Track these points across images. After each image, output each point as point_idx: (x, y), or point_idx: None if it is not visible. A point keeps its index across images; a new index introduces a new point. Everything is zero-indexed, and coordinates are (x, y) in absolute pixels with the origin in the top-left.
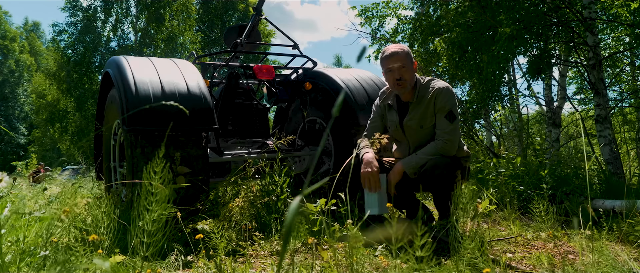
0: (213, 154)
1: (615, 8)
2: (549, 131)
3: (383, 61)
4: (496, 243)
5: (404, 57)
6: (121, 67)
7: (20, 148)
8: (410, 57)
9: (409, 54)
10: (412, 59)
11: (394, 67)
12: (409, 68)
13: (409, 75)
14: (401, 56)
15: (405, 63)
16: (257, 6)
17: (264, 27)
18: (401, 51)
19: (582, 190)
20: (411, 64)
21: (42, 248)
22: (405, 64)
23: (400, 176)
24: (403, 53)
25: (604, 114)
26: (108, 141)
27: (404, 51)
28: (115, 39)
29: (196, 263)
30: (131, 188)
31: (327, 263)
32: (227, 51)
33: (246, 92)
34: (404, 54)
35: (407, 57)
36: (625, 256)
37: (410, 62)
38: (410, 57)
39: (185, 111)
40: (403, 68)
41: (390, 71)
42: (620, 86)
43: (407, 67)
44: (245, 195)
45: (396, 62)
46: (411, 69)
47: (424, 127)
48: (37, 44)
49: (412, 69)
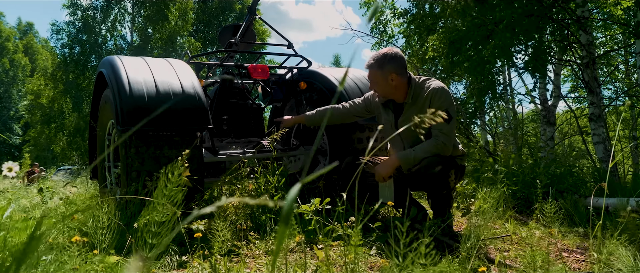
0: (208, 154)
1: (608, 7)
2: (544, 129)
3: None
4: (491, 241)
5: (372, 74)
6: (115, 67)
7: (14, 149)
8: (380, 72)
9: (379, 70)
10: (382, 71)
11: (368, 77)
12: (379, 84)
13: (380, 89)
14: (370, 72)
15: (374, 78)
16: (251, 6)
17: (260, 26)
18: (369, 66)
19: (577, 188)
20: (382, 76)
21: (40, 249)
22: (374, 79)
23: (394, 169)
24: (372, 69)
25: (597, 113)
26: (102, 141)
27: (374, 66)
28: (112, 39)
29: (191, 263)
30: (126, 189)
31: (321, 263)
32: (221, 51)
33: (241, 91)
34: (373, 71)
35: (376, 73)
36: (621, 252)
37: (380, 76)
38: (381, 71)
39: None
40: (373, 83)
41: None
42: (615, 84)
43: (377, 83)
44: (240, 195)
45: (368, 75)
46: (383, 83)
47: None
48: (34, 43)
49: (384, 83)
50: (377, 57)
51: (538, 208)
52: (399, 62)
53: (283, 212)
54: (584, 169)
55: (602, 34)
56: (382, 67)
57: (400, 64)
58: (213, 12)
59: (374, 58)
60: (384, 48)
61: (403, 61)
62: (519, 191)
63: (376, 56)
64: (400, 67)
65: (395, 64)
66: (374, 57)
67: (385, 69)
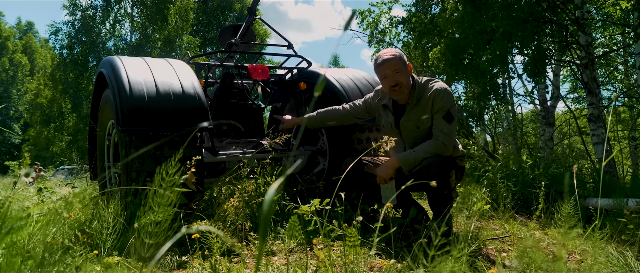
0: (208, 154)
1: (607, 7)
2: (543, 130)
3: (377, 68)
4: (490, 242)
5: (396, 62)
6: (115, 67)
7: (14, 148)
8: (403, 61)
9: (401, 58)
10: (405, 62)
11: (388, 73)
12: (403, 72)
13: (404, 78)
14: (393, 62)
15: (398, 68)
16: (251, 6)
17: (260, 27)
18: (393, 56)
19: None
20: (405, 67)
21: (39, 249)
22: (398, 68)
23: (394, 170)
24: (395, 58)
25: (596, 113)
26: (102, 141)
27: (396, 56)
28: (112, 39)
29: (191, 264)
30: (126, 190)
31: (321, 263)
32: (221, 51)
33: (241, 92)
34: (396, 59)
35: (399, 61)
36: (618, 253)
37: (403, 65)
38: (404, 61)
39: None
40: (397, 73)
41: (384, 78)
42: (614, 85)
43: (401, 71)
44: (240, 195)
45: (389, 68)
46: (405, 72)
47: (421, 128)
48: (33, 43)
49: (406, 72)
50: (393, 50)
51: (538, 209)
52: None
53: (262, 215)
54: (583, 170)
55: (601, 34)
56: (402, 57)
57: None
58: (213, 12)
59: (391, 52)
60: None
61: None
62: (518, 191)
63: (390, 51)
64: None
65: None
66: (390, 52)
67: (403, 58)
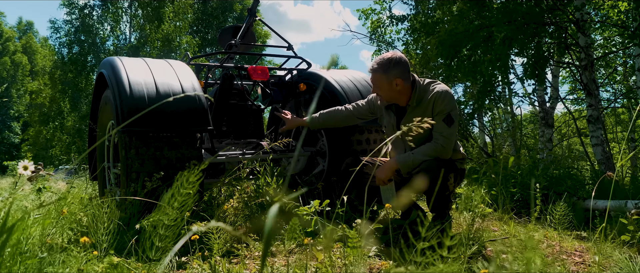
0: (207, 155)
1: (606, 8)
2: (542, 131)
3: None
4: (490, 243)
5: (376, 79)
6: (115, 68)
7: (13, 148)
8: (384, 76)
9: (383, 75)
10: (387, 76)
11: (372, 83)
12: (382, 89)
13: (385, 94)
14: (373, 77)
15: (377, 83)
16: (251, 8)
17: (260, 29)
18: (376, 67)
19: (575, 190)
20: (387, 81)
21: (39, 250)
22: (377, 84)
23: (392, 172)
24: (376, 74)
25: (596, 115)
26: (102, 141)
27: (378, 71)
28: (111, 39)
29: (191, 264)
30: (126, 190)
31: (321, 264)
32: (221, 52)
33: (240, 93)
34: (376, 75)
35: (379, 79)
36: (619, 255)
37: (385, 81)
38: (386, 76)
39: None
40: (376, 88)
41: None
42: (613, 86)
43: (381, 88)
44: (239, 196)
45: (372, 80)
46: (387, 88)
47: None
48: (33, 42)
49: (388, 88)
50: (382, 61)
51: (537, 210)
52: (403, 67)
53: (264, 236)
54: (582, 171)
55: (601, 36)
56: (386, 71)
57: (404, 68)
58: (213, 12)
59: (379, 63)
60: (387, 52)
61: (407, 65)
62: (517, 192)
63: (380, 60)
64: (405, 71)
65: (400, 68)
66: (378, 62)
67: (390, 74)
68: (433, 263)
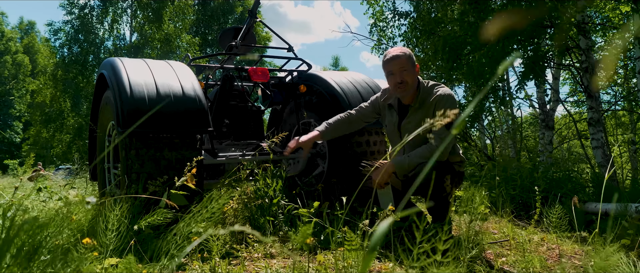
0: (207, 156)
1: (607, 11)
2: (542, 133)
3: (385, 64)
4: (489, 246)
5: (405, 61)
6: (116, 69)
7: (14, 147)
8: (411, 60)
9: (410, 57)
10: (413, 62)
11: (395, 70)
12: (410, 71)
13: (410, 78)
14: (402, 59)
15: (406, 66)
16: (252, 9)
17: (262, 30)
18: (402, 54)
19: (575, 192)
20: (413, 67)
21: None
22: (406, 67)
23: (389, 175)
24: (404, 56)
25: (596, 117)
26: (102, 142)
27: (405, 54)
28: (110, 39)
29: (190, 266)
30: (126, 191)
31: (321, 266)
32: (222, 53)
33: (241, 94)
34: (405, 57)
35: (408, 60)
36: (619, 258)
37: (411, 65)
38: (412, 60)
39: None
40: (404, 71)
41: (391, 74)
42: (613, 89)
43: (408, 70)
44: (239, 197)
45: (397, 65)
46: (412, 72)
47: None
48: (35, 42)
49: (413, 72)
50: (402, 49)
51: (537, 213)
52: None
53: (370, 245)
54: (583, 174)
55: (601, 38)
56: (410, 57)
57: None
58: (213, 14)
59: (400, 50)
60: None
61: None
62: (517, 195)
63: (399, 49)
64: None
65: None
66: (399, 50)
67: (412, 58)
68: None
